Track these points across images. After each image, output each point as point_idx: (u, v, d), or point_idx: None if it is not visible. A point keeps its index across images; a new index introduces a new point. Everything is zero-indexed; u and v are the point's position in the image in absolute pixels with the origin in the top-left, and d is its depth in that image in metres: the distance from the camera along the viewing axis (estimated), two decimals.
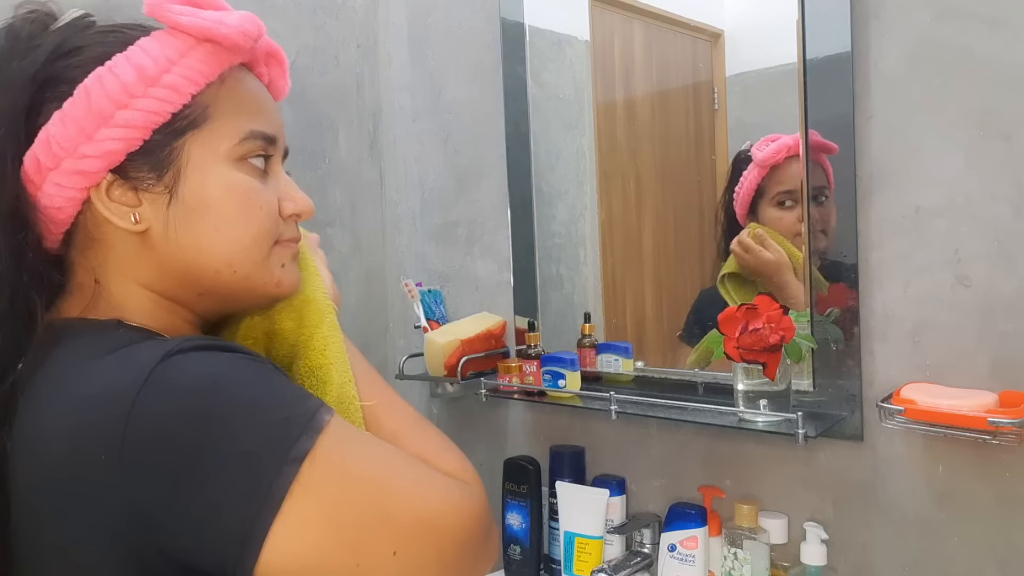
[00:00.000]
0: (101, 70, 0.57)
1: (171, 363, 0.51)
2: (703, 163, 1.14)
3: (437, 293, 1.44)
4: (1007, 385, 0.86)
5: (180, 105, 0.59)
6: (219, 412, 0.51)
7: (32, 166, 0.59)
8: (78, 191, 0.59)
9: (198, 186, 0.60)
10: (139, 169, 0.59)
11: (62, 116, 0.57)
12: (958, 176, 0.89)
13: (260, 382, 0.54)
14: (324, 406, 0.55)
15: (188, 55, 0.59)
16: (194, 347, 0.54)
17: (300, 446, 0.51)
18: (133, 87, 0.57)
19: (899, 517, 0.96)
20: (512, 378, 1.23)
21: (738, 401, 0.98)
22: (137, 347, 0.55)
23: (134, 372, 0.51)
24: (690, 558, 1.06)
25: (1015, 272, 0.86)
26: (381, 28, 1.53)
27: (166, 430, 0.50)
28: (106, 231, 0.61)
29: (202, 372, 0.52)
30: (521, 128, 1.33)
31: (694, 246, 1.17)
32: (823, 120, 0.97)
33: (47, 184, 0.59)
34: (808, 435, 0.91)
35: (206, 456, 0.49)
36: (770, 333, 0.91)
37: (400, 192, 1.54)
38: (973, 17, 0.87)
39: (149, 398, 0.50)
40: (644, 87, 1.20)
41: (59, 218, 0.60)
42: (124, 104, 0.57)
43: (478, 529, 0.59)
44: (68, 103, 0.57)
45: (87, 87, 0.57)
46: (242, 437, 0.50)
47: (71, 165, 0.58)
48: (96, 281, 0.62)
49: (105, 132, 0.57)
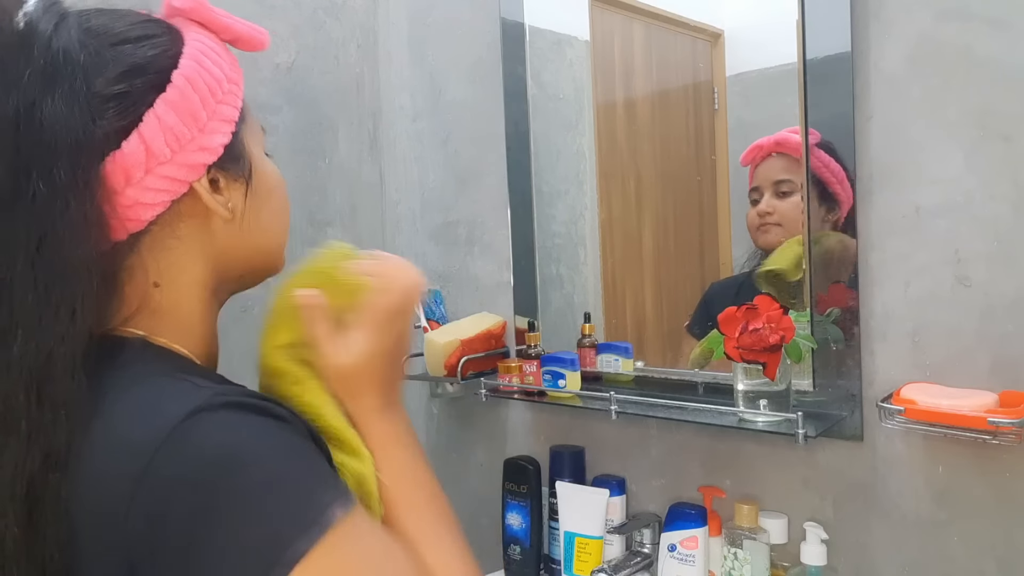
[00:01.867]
0: (192, 63, 0.57)
1: (196, 423, 0.49)
2: (703, 163, 1.14)
3: (437, 293, 1.44)
4: (1007, 385, 0.86)
5: (241, 99, 0.62)
6: (227, 494, 0.48)
7: (134, 157, 0.54)
8: (183, 184, 0.57)
9: (261, 175, 0.64)
10: (230, 161, 0.60)
11: (173, 105, 0.55)
12: (958, 176, 0.89)
13: (279, 462, 0.50)
14: (341, 498, 0.51)
15: (227, 52, 0.63)
16: (224, 404, 0.50)
17: (297, 547, 0.47)
18: (222, 82, 0.59)
19: (899, 517, 0.96)
20: (512, 378, 1.23)
21: (738, 401, 0.98)
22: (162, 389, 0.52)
23: (156, 426, 0.48)
24: (690, 558, 1.06)
25: (1015, 272, 0.86)
26: (381, 28, 1.53)
27: (172, 501, 0.47)
28: (183, 229, 0.59)
29: (222, 443, 0.49)
30: (521, 128, 1.33)
31: (694, 246, 1.17)
32: (823, 120, 0.97)
33: (152, 177, 0.55)
34: (808, 435, 0.91)
35: (203, 541, 0.47)
36: (770, 333, 0.91)
37: (400, 192, 1.54)
38: (973, 17, 0.87)
39: (164, 462, 0.47)
40: (644, 87, 1.20)
41: (143, 216, 0.56)
42: (220, 99, 0.59)
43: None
44: (174, 93, 0.55)
45: (189, 79, 0.56)
46: (244, 526, 0.47)
47: (186, 158, 0.56)
48: (155, 284, 0.58)
49: (213, 125, 0.58)
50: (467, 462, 1.44)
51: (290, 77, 1.35)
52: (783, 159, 1.02)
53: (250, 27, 0.64)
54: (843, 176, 0.96)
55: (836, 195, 0.97)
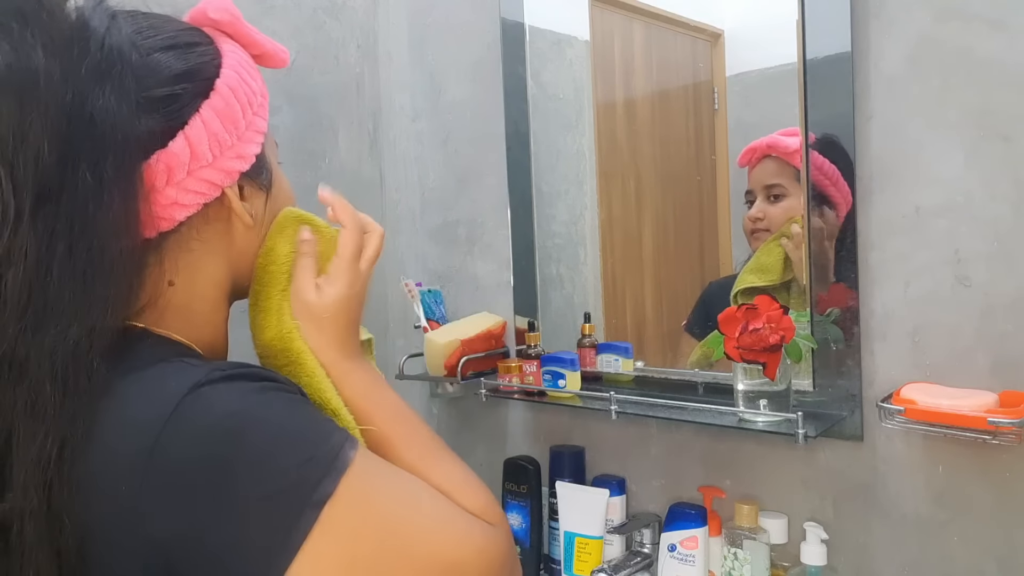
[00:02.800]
0: (230, 74, 0.60)
1: (197, 397, 0.50)
2: (703, 163, 1.14)
3: (437, 293, 1.44)
4: (1007, 385, 0.86)
5: (267, 113, 0.65)
6: (242, 454, 0.50)
7: (178, 158, 0.56)
8: (218, 189, 0.59)
9: (279, 186, 0.68)
10: (257, 171, 0.63)
11: (218, 112, 0.58)
12: (958, 176, 0.89)
13: (285, 418, 0.53)
14: (349, 440, 0.54)
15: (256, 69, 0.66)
16: (222, 377, 0.52)
17: (323, 489, 0.50)
18: (258, 94, 0.63)
19: (899, 517, 0.96)
20: (512, 378, 1.23)
21: (738, 401, 0.98)
22: (163, 371, 0.54)
23: (160, 404, 0.50)
24: (690, 558, 1.06)
25: (1015, 272, 0.86)
26: (381, 28, 1.53)
27: (188, 470, 0.49)
28: (208, 231, 0.61)
29: (227, 410, 0.51)
30: (521, 128, 1.33)
31: (694, 246, 1.17)
32: (823, 120, 0.97)
33: (191, 179, 0.57)
34: (808, 435, 0.91)
35: (227, 499, 0.49)
36: (770, 333, 0.91)
37: (400, 192, 1.54)
38: (973, 17, 0.87)
39: (173, 435, 0.49)
40: (644, 87, 1.20)
41: (176, 216, 0.58)
42: (255, 110, 0.62)
43: (501, 571, 0.58)
44: (218, 100, 0.58)
45: (233, 88, 0.59)
46: (264, 480, 0.50)
47: (225, 163, 0.59)
48: (170, 283, 0.60)
49: (249, 135, 0.61)
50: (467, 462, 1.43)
51: (290, 77, 1.35)
52: (775, 162, 1.02)
53: (275, 45, 0.68)
54: (838, 176, 0.96)
55: (831, 197, 0.97)
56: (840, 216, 0.97)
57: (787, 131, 1.00)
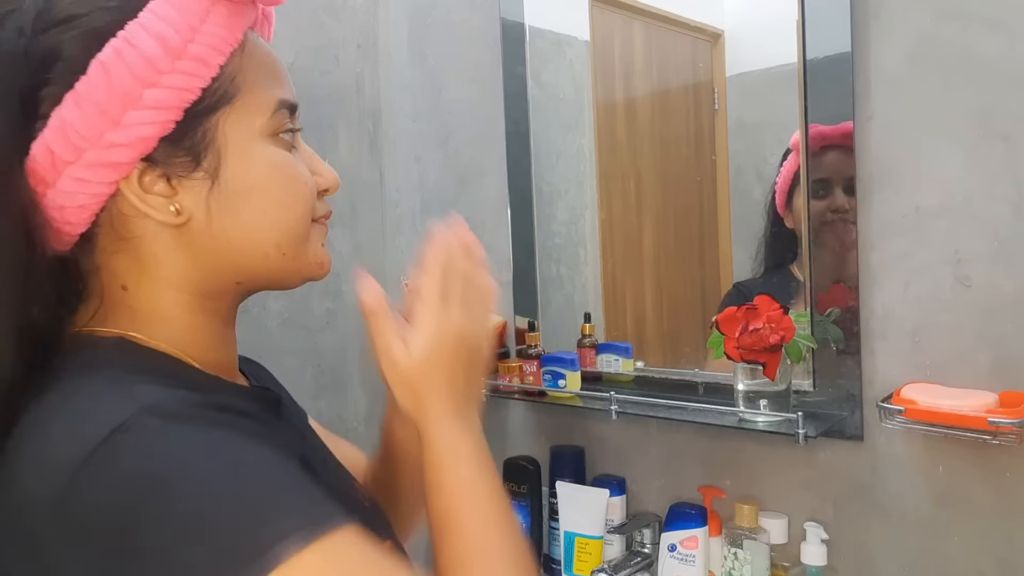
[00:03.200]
0: (116, 43, 0.49)
1: (116, 445, 0.43)
2: (703, 163, 1.14)
3: None
4: (1007, 385, 0.86)
5: (209, 79, 0.52)
6: (147, 525, 0.41)
7: (44, 160, 0.49)
8: (105, 185, 0.51)
9: (240, 168, 0.54)
10: (174, 155, 0.52)
11: (77, 99, 0.48)
12: (958, 176, 0.89)
13: (215, 489, 0.43)
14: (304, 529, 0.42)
15: (207, 19, 0.51)
16: (158, 417, 0.44)
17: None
18: (158, 61, 0.49)
19: (899, 517, 0.96)
20: (512, 378, 1.23)
21: (738, 401, 0.98)
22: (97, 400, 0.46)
23: (76, 446, 0.43)
24: (690, 558, 1.06)
25: (1015, 272, 0.86)
26: (381, 28, 1.53)
27: (91, 531, 0.42)
28: (136, 228, 0.54)
29: (144, 467, 0.43)
30: (521, 128, 1.33)
31: (694, 246, 1.17)
32: (823, 120, 0.97)
33: (64, 180, 0.50)
34: (808, 435, 0.91)
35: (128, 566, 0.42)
36: (770, 333, 0.91)
37: (400, 192, 1.54)
38: (973, 17, 0.87)
39: (83, 485, 0.42)
40: (644, 87, 1.20)
41: (77, 218, 0.52)
42: (151, 82, 0.49)
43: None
44: (82, 83, 0.48)
45: (104, 64, 0.48)
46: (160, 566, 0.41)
47: (96, 156, 0.50)
48: (124, 288, 0.55)
49: (134, 116, 0.49)
50: None
51: (290, 77, 1.34)
52: (849, 153, 0.96)
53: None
54: None
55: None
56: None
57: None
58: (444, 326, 0.58)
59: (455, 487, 0.56)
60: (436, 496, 0.56)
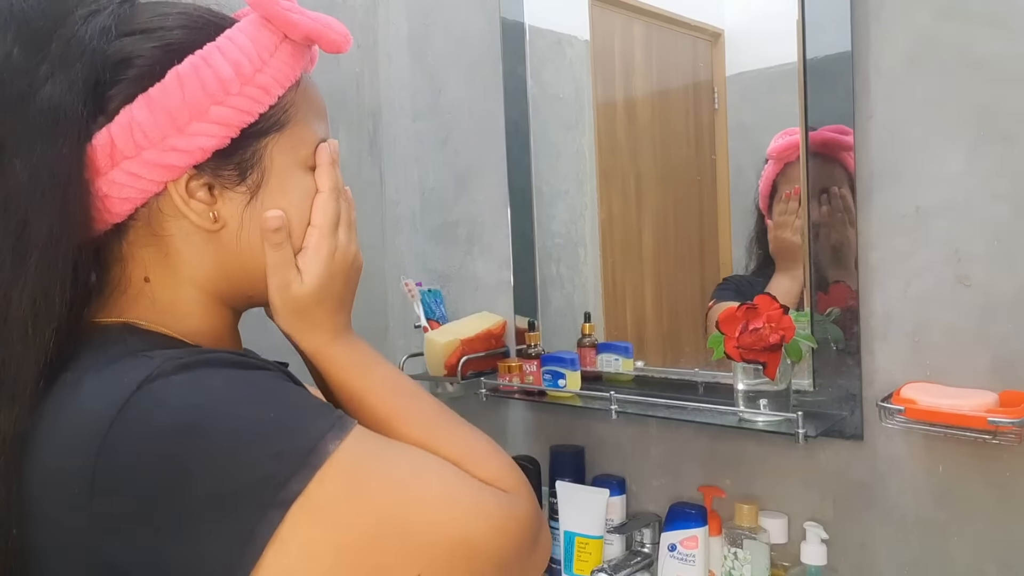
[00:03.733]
0: (194, 60, 0.54)
1: (149, 392, 0.47)
2: (703, 163, 1.14)
3: (437, 293, 1.44)
4: (1007, 385, 0.86)
5: (268, 106, 0.57)
6: (196, 452, 0.46)
7: (103, 150, 0.53)
8: (155, 184, 0.55)
9: (278, 190, 0.59)
10: (223, 167, 0.57)
11: (150, 102, 0.53)
12: (958, 176, 0.89)
13: (251, 409, 0.49)
14: (335, 428, 0.50)
15: (276, 54, 0.58)
16: (179, 367, 0.49)
17: (291, 487, 0.46)
18: (229, 83, 0.55)
19: (899, 517, 0.96)
20: (512, 378, 1.23)
21: (738, 401, 0.98)
22: (120, 366, 0.50)
23: (108, 401, 0.47)
24: (690, 558, 1.06)
25: (1015, 272, 0.86)
26: (381, 28, 1.53)
27: (137, 473, 0.46)
28: (170, 227, 0.57)
29: (181, 405, 0.47)
30: (521, 128, 1.33)
31: (694, 246, 1.17)
32: (823, 120, 0.97)
33: (117, 172, 0.54)
34: (808, 435, 0.91)
35: (180, 501, 0.46)
36: (770, 333, 0.91)
37: (400, 192, 1.54)
38: (973, 17, 0.87)
39: (121, 435, 0.46)
40: (644, 87, 1.20)
41: (118, 209, 0.55)
42: (219, 100, 0.55)
43: (520, 542, 0.54)
44: (157, 89, 0.53)
45: (181, 75, 0.53)
46: (221, 479, 0.46)
47: (154, 156, 0.54)
48: (146, 279, 0.58)
49: (198, 126, 0.54)
50: None
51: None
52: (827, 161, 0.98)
53: (325, 25, 0.60)
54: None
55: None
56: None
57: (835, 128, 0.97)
58: (337, 250, 0.62)
59: (384, 384, 0.62)
60: (368, 399, 0.61)
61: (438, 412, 0.63)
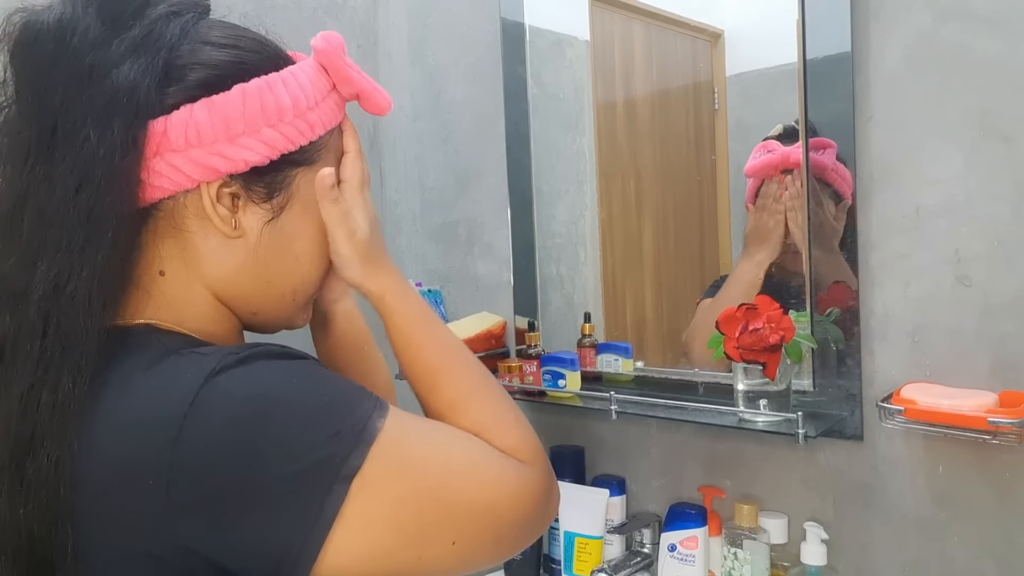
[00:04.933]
0: (261, 83, 0.59)
1: (216, 384, 0.51)
2: (703, 163, 1.14)
3: (437, 293, 1.44)
4: (1007, 385, 0.86)
5: (309, 140, 0.62)
6: (266, 436, 0.50)
7: (155, 137, 0.56)
8: (190, 181, 0.58)
9: (298, 217, 0.63)
10: (255, 182, 0.60)
11: (211, 106, 0.57)
12: (958, 176, 0.89)
13: (308, 394, 0.53)
14: (377, 408, 0.54)
15: (327, 99, 0.64)
16: (238, 361, 0.52)
17: (352, 462, 0.51)
18: (285, 112, 0.60)
19: (899, 517, 0.96)
20: (512, 378, 1.23)
21: (738, 401, 0.98)
22: (177, 362, 0.53)
23: (178, 395, 0.50)
24: (690, 558, 1.06)
25: (1015, 272, 0.86)
26: (381, 28, 1.53)
27: (213, 460, 0.49)
28: (191, 224, 0.59)
29: (247, 394, 0.51)
30: (521, 128, 1.33)
31: (694, 246, 1.17)
32: (823, 120, 0.97)
33: (158, 161, 0.56)
34: (808, 435, 0.91)
35: (254, 483, 0.49)
36: (770, 333, 0.91)
37: (400, 192, 1.54)
38: (973, 17, 0.87)
39: (195, 426, 0.49)
40: (644, 87, 1.20)
41: (149, 195, 0.58)
42: (273, 124, 0.59)
43: (535, 509, 0.60)
44: (222, 98, 0.57)
45: (246, 92, 0.58)
46: (291, 460, 0.50)
47: (200, 155, 0.57)
48: (161, 272, 0.60)
49: (247, 141, 0.58)
50: None
51: None
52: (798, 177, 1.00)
53: (375, 88, 0.67)
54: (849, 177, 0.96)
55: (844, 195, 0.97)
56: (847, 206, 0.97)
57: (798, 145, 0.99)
58: (368, 204, 0.69)
59: (441, 339, 0.68)
60: (425, 349, 0.67)
61: (481, 376, 0.67)
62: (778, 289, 1.02)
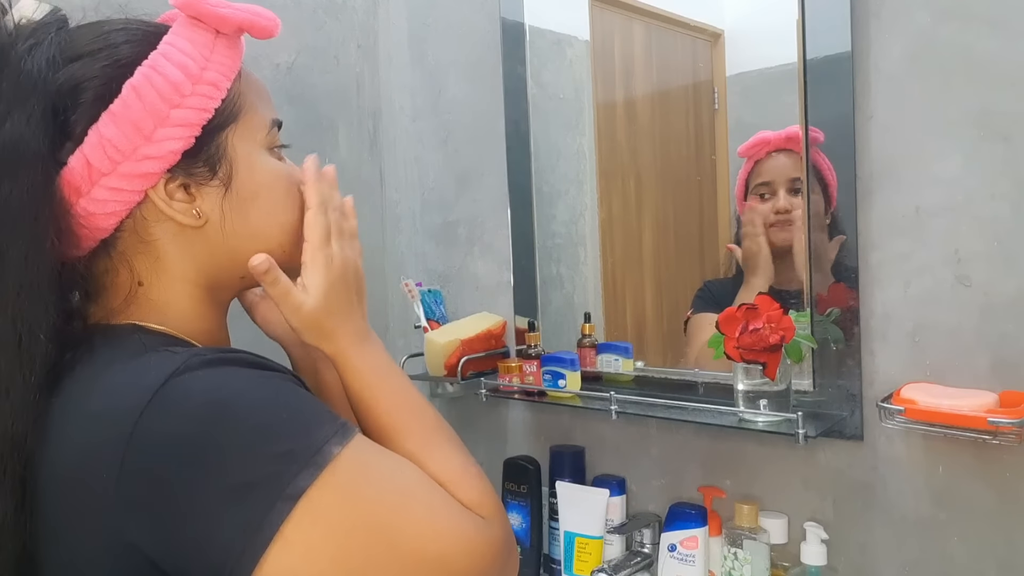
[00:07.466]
0: (144, 70, 0.57)
1: (177, 384, 0.50)
2: (703, 163, 1.14)
3: (437, 293, 1.44)
4: (1007, 385, 0.86)
5: (220, 100, 0.60)
6: (219, 442, 0.49)
7: (80, 172, 0.56)
8: (135, 194, 0.58)
9: (247, 177, 0.63)
10: (193, 166, 0.60)
11: (114, 118, 0.56)
12: (958, 176, 0.89)
13: (267, 407, 0.52)
14: (339, 434, 0.53)
15: (215, 50, 0.61)
16: (204, 363, 0.52)
17: (298, 483, 0.49)
18: (181, 85, 0.58)
19: (899, 517, 0.96)
20: (512, 378, 1.23)
21: (738, 401, 0.98)
22: (146, 360, 0.53)
23: (139, 391, 0.50)
24: (690, 558, 1.06)
25: (1015, 272, 0.86)
26: (381, 28, 1.53)
27: (163, 457, 0.49)
28: (155, 232, 0.60)
29: (206, 397, 0.51)
30: (521, 128, 1.33)
31: (694, 246, 1.17)
32: (823, 120, 0.97)
33: (97, 189, 0.57)
34: (808, 435, 0.91)
35: (200, 486, 0.49)
36: (770, 333, 0.91)
37: (400, 192, 1.54)
38: (973, 17, 0.87)
39: (150, 420, 0.49)
40: (644, 87, 1.20)
41: (105, 224, 0.59)
42: (176, 103, 0.58)
43: (492, 567, 0.57)
44: (118, 104, 0.56)
45: (136, 87, 0.56)
46: (238, 470, 0.49)
47: (130, 168, 0.57)
48: (139, 284, 0.61)
49: (163, 132, 0.57)
50: None
51: (290, 77, 1.35)
52: (793, 156, 1.01)
53: (254, 14, 0.63)
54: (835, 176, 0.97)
55: (833, 196, 0.98)
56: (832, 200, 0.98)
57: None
58: (332, 260, 0.66)
59: (392, 397, 0.66)
60: (375, 409, 0.65)
61: (437, 431, 0.66)
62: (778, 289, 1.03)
